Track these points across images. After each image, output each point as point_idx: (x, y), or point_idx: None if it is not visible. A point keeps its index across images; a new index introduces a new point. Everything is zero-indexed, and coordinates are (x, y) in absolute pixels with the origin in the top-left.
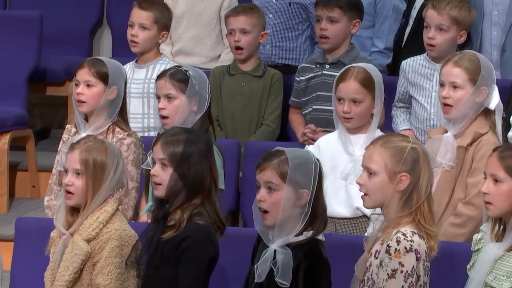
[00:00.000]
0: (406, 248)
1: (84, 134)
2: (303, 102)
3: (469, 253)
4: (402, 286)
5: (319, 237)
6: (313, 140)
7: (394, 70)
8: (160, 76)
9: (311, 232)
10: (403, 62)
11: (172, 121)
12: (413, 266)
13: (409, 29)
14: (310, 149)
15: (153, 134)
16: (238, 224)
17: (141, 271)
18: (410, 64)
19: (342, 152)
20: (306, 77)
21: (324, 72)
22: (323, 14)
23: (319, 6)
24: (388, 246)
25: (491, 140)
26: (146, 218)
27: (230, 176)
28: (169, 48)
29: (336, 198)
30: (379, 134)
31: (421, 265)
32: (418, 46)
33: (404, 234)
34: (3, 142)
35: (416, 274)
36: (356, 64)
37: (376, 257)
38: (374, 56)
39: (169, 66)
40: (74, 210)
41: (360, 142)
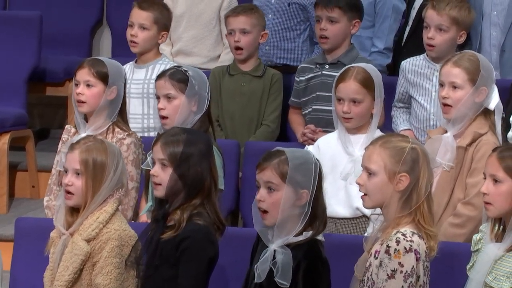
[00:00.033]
0: (405, 248)
1: (84, 134)
2: (303, 102)
3: (468, 253)
4: (402, 286)
5: (319, 237)
6: (312, 140)
7: (393, 70)
8: (159, 76)
9: (311, 232)
10: (403, 62)
11: (171, 121)
12: (412, 266)
13: (408, 29)
14: (310, 149)
15: (153, 134)
16: (237, 224)
17: (140, 271)
18: (410, 64)
19: (342, 152)
20: (306, 77)
21: (323, 72)
22: (323, 14)
23: (319, 6)
24: (387, 246)
25: (491, 140)
26: (145, 218)
27: (229, 176)
28: (168, 48)
29: (336, 198)
30: (379, 134)
31: (420, 265)
32: (418, 46)
33: (403, 234)
34: (3, 142)
35: (415, 274)
36: (355, 64)
37: (375, 257)
38: (373, 56)
39: (168, 66)
40: (74, 210)
41: (360, 142)
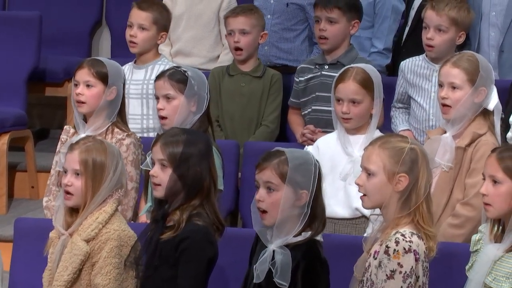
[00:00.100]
0: (405, 248)
1: (83, 135)
2: (302, 103)
3: (467, 253)
4: (401, 287)
5: (317, 237)
6: (312, 140)
7: (393, 70)
8: (159, 76)
9: (310, 232)
10: (402, 62)
11: (171, 121)
12: (412, 266)
13: (407, 29)
14: (309, 149)
15: (152, 135)
16: (237, 224)
17: (140, 272)
18: (409, 64)
19: (341, 152)
20: (305, 77)
21: (323, 72)
22: (322, 15)
23: (318, 7)
24: (387, 246)
25: (490, 140)
26: (145, 219)
27: (229, 176)
28: (168, 48)
29: (335, 198)
30: (378, 134)
31: (420, 265)
32: (417, 46)
33: (403, 235)
34: (2, 142)
35: (415, 275)
36: (355, 64)
37: (375, 257)
38: (373, 56)
39: (168, 66)
40: (73, 210)
41: (359, 143)
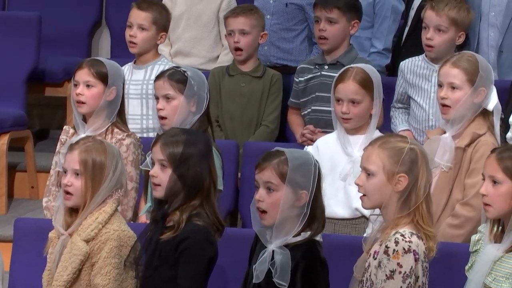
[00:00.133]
0: (404, 249)
1: (83, 135)
2: (302, 103)
3: (467, 254)
4: (401, 287)
5: (317, 238)
6: (312, 141)
7: (392, 70)
8: (158, 76)
9: (309, 233)
10: (402, 63)
11: (170, 121)
12: (411, 267)
13: (407, 29)
14: (309, 150)
15: (152, 135)
16: (236, 224)
17: (139, 272)
18: (409, 65)
19: (341, 153)
20: (305, 78)
21: (323, 73)
22: (322, 15)
23: (318, 7)
24: (386, 247)
25: (489, 141)
26: (145, 219)
27: (229, 177)
28: (167, 49)
29: (335, 199)
30: (378, 134)
31: (419, 266)
32: (417, 46)
33: (402, 235)
34: (2, 142)
35: (414, 275)
36: (354, 64)
37: (374, 258)
38: (373, 56)
39: (167, 67)
40: (73, 210)
41: (359, 143)
